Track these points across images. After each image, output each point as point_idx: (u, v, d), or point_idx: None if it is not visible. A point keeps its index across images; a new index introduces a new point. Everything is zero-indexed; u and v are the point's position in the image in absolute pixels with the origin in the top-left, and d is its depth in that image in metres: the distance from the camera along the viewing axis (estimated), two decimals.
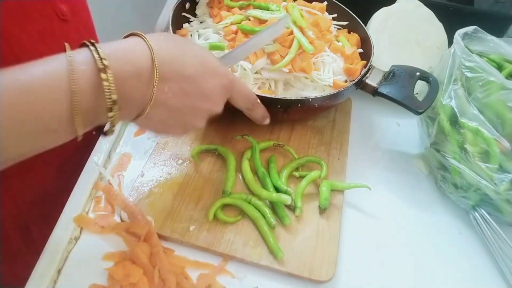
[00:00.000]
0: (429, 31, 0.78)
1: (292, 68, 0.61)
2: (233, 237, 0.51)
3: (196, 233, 0.51)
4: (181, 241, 0.50)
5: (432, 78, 0.63)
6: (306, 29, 0.64)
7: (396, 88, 0.62)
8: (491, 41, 0.63)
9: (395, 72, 0.64)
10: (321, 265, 0.50)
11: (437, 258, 0.56)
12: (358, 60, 0.68)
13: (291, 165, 0.59)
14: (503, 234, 0.55)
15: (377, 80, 0.63)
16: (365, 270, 0.53)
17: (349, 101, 0.74)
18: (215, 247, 0.50)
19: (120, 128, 0.63)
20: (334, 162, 0.62)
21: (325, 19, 0.70)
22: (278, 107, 0.58)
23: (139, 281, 0.46)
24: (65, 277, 0.47)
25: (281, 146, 0.61)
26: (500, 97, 0.55)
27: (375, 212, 0.59)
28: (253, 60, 0.60)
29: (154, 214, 0.52)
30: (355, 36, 0.72)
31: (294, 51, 0.60)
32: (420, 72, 0.64)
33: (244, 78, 0.61)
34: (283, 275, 0.50)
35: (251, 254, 0.50)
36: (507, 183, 0.53)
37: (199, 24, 0.70)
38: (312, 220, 0.55)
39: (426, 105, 0.59)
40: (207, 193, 0.56)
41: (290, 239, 0.52)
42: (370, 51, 0.67)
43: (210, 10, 0.70)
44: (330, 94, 0.59)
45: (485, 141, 0.54)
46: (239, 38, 0.62)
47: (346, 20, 0.74)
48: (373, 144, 0.70)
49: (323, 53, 0.65)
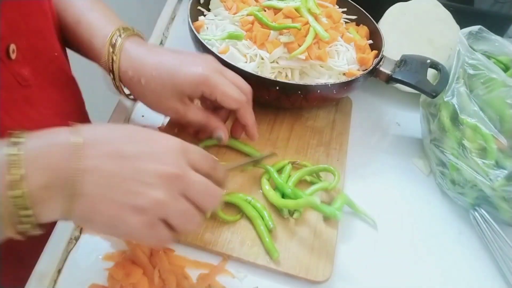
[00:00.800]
0: (443, 31, 0.78)
1: (308, 56, 0.62)
2: (230, 236, 0.51)
3: (194, 232, 0.51)
4: (178, 240, 0.50)
5: (441, 66, 0.65)
6: (320, 16, 0.66)
7: (410, 74, 0.65)
8: (496, 41, 0.64)
9: (406, 60, 0.67)
10: (318, 265, 0.50)
11: (437, 258, 0.56)
12: (369, 51, 0.70)
13: (303, 171, 0.59)
14: (503, 234, 0.55)
15: (390, 67, 0.66)
16: (362, 271, 0.53)
17: (349, 102, 0.74)
18: (212, 246, 0.50)
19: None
20: (333, 163, 0.62)
21: (337, 10, 0.72)
22: (299, 93, 0.61)
23: (139, 281, 0.46)
24: (65, 277, 0.47)
25: (296, 163, 0.60)
26: (500, 94, 0.55)
27: (374, 212, 0.59)
28: (270, 49, 0.62)
29: None
30: (364, 29, 0.75)
31: (310, 39, 0.62)
32: (430, 60, 0.66)
33: (261, 68, 0.63)
34: (284, 276, 0.50)
35: (248, 253, 0.50)
36: (502, 179, 0.53)
37: (214, 17, 0.71)
38: (310, 220, 0.55)
39: (440, 89, 0.61)
40: None
41: (287, 239, 0.52)
42: (380, 42, 0.70)
43: (225, 4, 0.71)
44: (348, 80, 0.62)
45: (483, 137, 0.55)
46: (256, 28, 0.63)
47: (354, 14, 0.77)
48: (373, 144, 0.70)
49: (337, 42, 0.67)
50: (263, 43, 0.63)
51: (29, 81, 0.47)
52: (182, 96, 0.52)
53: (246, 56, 0.63)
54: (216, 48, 0.64)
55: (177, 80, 0.51)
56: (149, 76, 0.51)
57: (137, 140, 0.39)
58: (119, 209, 0.37)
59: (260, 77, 0.59)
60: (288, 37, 0.63)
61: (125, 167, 0.37)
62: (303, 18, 0.64)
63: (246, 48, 0.63)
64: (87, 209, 0.36)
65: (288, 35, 0.63)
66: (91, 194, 0.36)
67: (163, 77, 0.51)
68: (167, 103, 0.52)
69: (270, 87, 0.60)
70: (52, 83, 0.53)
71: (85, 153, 0.36)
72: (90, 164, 0.36)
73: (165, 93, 0.51)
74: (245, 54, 0.63)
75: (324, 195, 0.58)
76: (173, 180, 0.38)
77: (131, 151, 0.38)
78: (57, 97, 0.54)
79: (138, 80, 0.51)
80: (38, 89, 0.49)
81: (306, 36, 0.63)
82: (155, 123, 0.64)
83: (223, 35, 0.64)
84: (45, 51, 0.51)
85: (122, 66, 0.51)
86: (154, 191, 0.37)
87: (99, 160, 0.36)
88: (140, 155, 0.38)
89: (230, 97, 0.52)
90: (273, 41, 0.63)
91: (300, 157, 0.62)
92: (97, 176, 0.36)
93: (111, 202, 0.37)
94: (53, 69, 0.53)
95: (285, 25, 0.63)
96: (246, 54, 0.63)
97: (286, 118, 0.68)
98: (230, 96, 0.52)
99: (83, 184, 0.35)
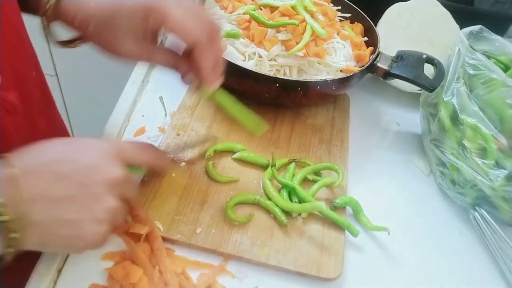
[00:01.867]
0: (443, 31, 0.78)
1: (306, 53, 0.63)
2: (240, 238, 0.51)
3: (203, 235, 0.51)
4: (189, 244, 0.50)
5: (437, 61, 0.66)
6: (316, 14, 0.66)
7: (407, 69, 0.65)
8: (496, 41, 0.64)
9: (402, 55, 0.67)
10: (329, 262, 0.50)
11: (437, 258, 0.56)
12: (365, 48, 0.71)
13: (306, 170, 0.59)
14: (503, 234, 0.55)
15: (387, 63, 0.66)
16: (362, 270, 0.53)
17: (346, 98, 0.74)
18: (223, 248, 0.50)
19: (120, 128, 0.63)
20: (336, 160, 0.63)
21: (332, 8, 0.72)
22: (298, 89, 0.61)
23: (139, 281, 0.46)
24: (65, 277, 0.47)
25: (296, 160, 0.61)
26: (500, 94, 0.55)
27: (375, 212, 0.59)
28: (268, 47, 0.62)
29: (160, 218, 0.51)
30: (359, 26, 0.75)
31: (308, 36, 0.63)
32: (426, 55, 0.67)
33: (260, 65, 0.63)
34: (284, 275, 0.50)
35: (259, 254, 0.50)
36: (502, 179, 0.53)
37: None
38: (318, 218, 0.55)
39: (437, 83, 0.62)
40: (212, 195, 0.55)
41: (296, 238, 0.52)
42: (375, 39, 0.71)
43: (220, 3, 0.71)
44: (346, 76, 0.63)
45: (483, 137, 0.55)
46: (253, 26, 0.63)
47: (348, 12, 0.77)
48: (373, 144, 0.70)
49: (333, 39, 0.67)
50: (260, 41, 0.63)
51: (16, 108, 0.44)
52: (136, 35, 0.45)
53: (244, 54, 0.63)
54: None
55: (123, 13, 0.44)
56: (92, 17, 0.45)
57: (69, 156, 0.39)
58: (75, 228, 0.37)
59: (261, 75, 0.59)
60: (285, 34, 0.63)
61: (69, 186, 0.37)
62: (300, 16, 0.64)
63: (244, 46, 0.63)
64: (42, 236, 0.37)
65: (286, 32, 0.63)
66: (43, 222, 0.36)
67: (106, 14, 0.45)
68: (122, 46, 0.46)
69: (270, 85, 0.60)
70: (36, 109, 0.50)
71: (25, 184, 0.35)
72: (34, 193, 0.35)
73: (115, 34, 0.45)
74: (243, 52, 0.63)
75: (328, 192, 0.58)
76: (114, 184, 0.39)
77: (69, 169, 0.37)
78: (40, 124, 0.52)
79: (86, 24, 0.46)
80: (25, 116, 0.47)
81: (303, 33, 0.63)
82: (155, 123, 0.64)
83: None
84: (26, 74, 0.48)
85: (67, 9, 0.46)
86: (105, 200, 0.38)
87: (41, 187, 0.36)
88: (79, 170, 0.38)
89: (185, 28, 0.43)
90: (270, 39, 0.63)
91: (303, 155, 0.62)
92: (45, 202, 0.36)
93: (66, 224, 0.37)
94: (37, 94, 0.51)
95: (283, 22, 0.63)
96: (244, 53, 0.63)
97: (286, 117, 0.68)
98: (185, 26, 0.43)
99: (33, 214, 0.35)
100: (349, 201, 0.56)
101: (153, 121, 0.64)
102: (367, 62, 0.66)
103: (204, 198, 0.55)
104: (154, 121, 0.64)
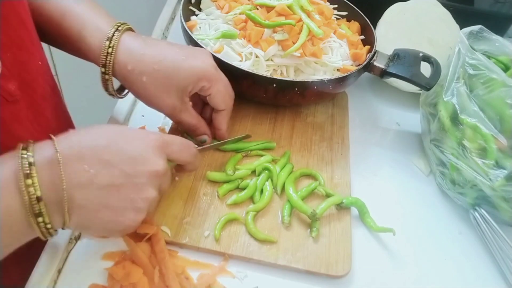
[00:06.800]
0: (443, 31, 0.78)
1: (303, 53, 0.62)
2: (248, 239, 0.51)
3: (211, 238, 0.50)
4: (198, 248, 0.50)
5: (433, 59, 0.66)
6: (313, 13, 0.66)
7: (404, 67, 0.65)
8: (496, 41, 0.64)
9: (399, 54, 0.67)
10: (337, 260, 0.50)
11: (437, 257, 0.56)
12: (361, 46, 0.71)
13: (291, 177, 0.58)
14: (503, 234, 0.55)
15: (383, 62, 0.66)
16: (361, 270, 0.53)
17: (345, 96, 0.74)
18: (232, 251, 0.50)
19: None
20: (338, 157, 0.63)
21: (328, 7, 0.72)
22: (295, 90, 0.60)
23: (139, 281, 0.46)
24: (65, 277, 0.47)
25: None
26: (500, 94, 0.55)
27: (374, 212, 0.59)
28: (265, 47, 0.62)
29: (167, 222, 0.51)
30: (355, 24, 0.75)
31: (304, 36, 0.62)
32: (422, 53, 0.67)
33: (257, 66, 0.63)
34: (284, 274, 0.50)
35: (267, 255, 0.50)
36: (502, 179, 0.53)
37: (206, 17, 0.71)
38: (324, 216, 0.55)
39: (434, 82, 0.63)
40: (217, 197, 0.55)
41: (304, 238, 0.52)
42: (372, 37, 0.71)
43: (216, 3, 0.71)
44: (343, 75, 0.63)
45: (483, 137, 0.55)
46: (249, 26, 0.63)
47: (345, 11, 0.77)
48: (373, 144, 0.70)
49: (330, 38, 0.67)
50: (257, 42, 0.63)
51: (16, 96, 0.45)
52: (183, 93, 0.51)
53: (241, 54, 0.63)
54: (210, 47, 0.63)
55: (181, 74, 0.50)
56: (151, 70, 0.49)
57: (118, 144, 0.40)
58: (116, 214, 0.40)
59: (257, 75, 0.59)
60: (282, 34, 0.63)
61: (116, 174, 0.39)
62: (296, 16, 0.64)
63: (240, 46, 0.63)
64: (85, 219, 0.39)
65: (282, 32, 0.63)
66: (87, 206, 0.38)
67: (167, 70, 0.49)
68: (167, 99, 0.51)
69: (267, 85, 0.60)
70: (39, 97, 0.51)
71: (70, 168, 0.37)
72: (81, 178, 0.37)
73: (167, 88, 0.50)
74: (239, 52, 0.63)
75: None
76: (157, 176, 0.42)
77: (117, 157, 0.39)
78: (45, 112, 0.52)
79: (138, 73, 0.50)
80: (25, 105, 0.47)
81: (299, 33, 0.63)
82: (155, 123, 0.64)
83: (217, 34, 0.63)
84: (30, 63, 0.48)
85: (120, 59, 0.50)
86: (147, 191, 0.41)
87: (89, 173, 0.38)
88: (126, 159, 0.39)
89: (223, 97, 0.52)
90: (267, 39, 0.63)
91: (305, 154, 0.63)
92: (91, 188, 0.38)
93: (108, 209, 0.39)
94: (40, 82, 0.51)
95: (279, 22, 0.63)
96: (241, 53, 0.63)
97: (287, 116, 0.68)
98: (224, 95, 0.52)
99: (78, 198, 0.37)
100: (355, 202, 0.56)
101: (153, 121, 0.64)
102: (364, 61, 0.66)
103: (210, 201, 0.54)
104: (154, 121, 0.64)
